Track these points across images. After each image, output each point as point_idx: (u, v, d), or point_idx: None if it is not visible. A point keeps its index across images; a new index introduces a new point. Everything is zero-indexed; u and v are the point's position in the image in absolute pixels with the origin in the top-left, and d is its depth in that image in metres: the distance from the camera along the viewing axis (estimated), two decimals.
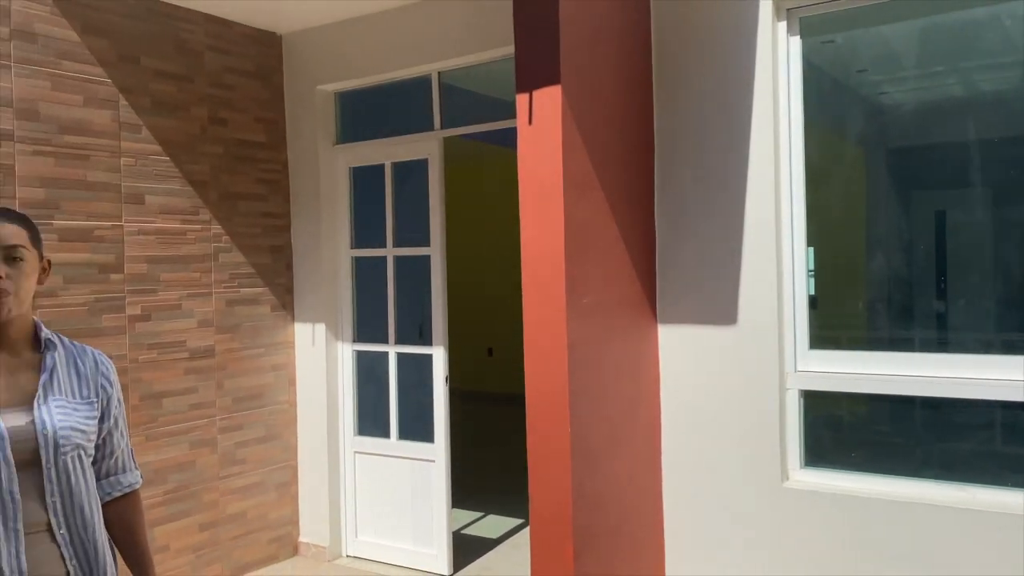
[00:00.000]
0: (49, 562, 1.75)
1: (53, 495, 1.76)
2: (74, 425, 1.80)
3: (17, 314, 1.77)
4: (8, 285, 1.73)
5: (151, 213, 4.10)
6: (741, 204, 3.43)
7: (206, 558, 4.33)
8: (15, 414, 1.74)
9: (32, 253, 1.79)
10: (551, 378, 3.03)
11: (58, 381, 1.83)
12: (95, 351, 1.95)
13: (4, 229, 1.75)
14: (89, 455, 1.87)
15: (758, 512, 3.41)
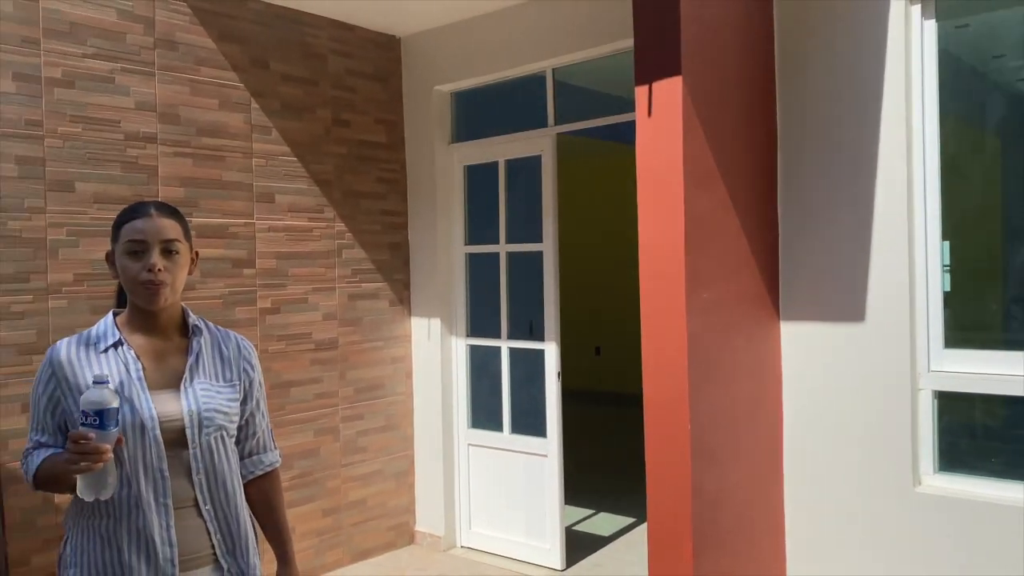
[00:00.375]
0: (196, 535, 1.87)
1: (199, 472, 1.87)
2: (217, 407, 1.91)
3: (171, 303, 1.89)
4: (165, 277, 1.84)
5: (280, 211, 4.30)
6: (870, 197, 3.30)
7: (329, 542, 4.50)
8: (164, 396, 1.86)
9: (185, 246, 1.91)
10: (670, 375, 3.00)
11: (203, 365, 1.94)
12: (238, 336, 2.06)
13: (161, 223, 1.87)
14: (231, 435, 1.97)
15: (887, 518, 3.27)
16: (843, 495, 3.38)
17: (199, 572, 1.87)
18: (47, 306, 3.42)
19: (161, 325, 1.91)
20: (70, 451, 1.63)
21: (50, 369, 1.83)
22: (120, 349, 1.86)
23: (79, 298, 3.51)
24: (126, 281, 1.85)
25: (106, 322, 1.90)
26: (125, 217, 1.87)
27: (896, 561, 3.26)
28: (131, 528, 1.80)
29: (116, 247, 1.87)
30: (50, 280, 3.43)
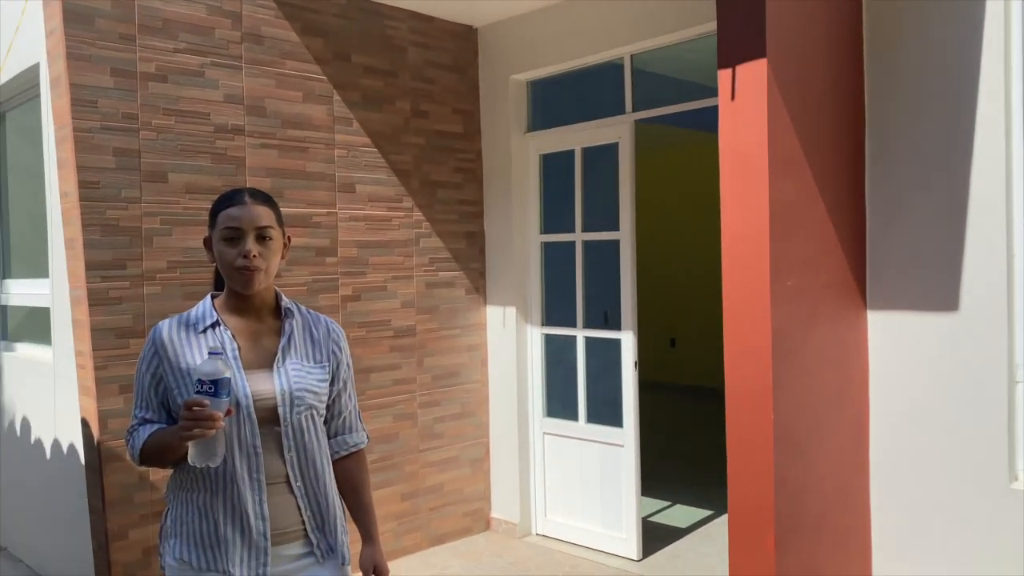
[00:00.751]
0: (287, 511, 1.92)
1: (290, 450, 1.93)
2: (308, 387, 1.96)
3: (265, 287, 1.95)
4: (260, 262, 1.90)
5: (361, 201, 4.38)
6: (965, 179, 3.16)
7: (407, 526, 4.59)
8: (258, 375, 1.92)
9: (278, 232, 1.96)
10: (754, 364, 2.95)
11: (295, 346, 1.99)
12: (328, 319, 2.11)
13: (256, 210, 1.92)
14: (321, 415, 2.02)
15: (980, 514, 3.15)
16: (933, 490, 3.27)
17: (290, 546, 1.92)
18: (142, 292, 3.57)
19: (255, 308, 1.97)
20: (184, 418, 1.71)
21: (153, 348, 1.92)
22: (217, 330, 1.93)
23: (172, 284, 3.66)
24: (223, 266, 1.92)
25: (204, 304, 1.98)
26: (222, 205, 1.94)
27: (989, 559, 3.13)
28: (226, 502, 1.86)
29: (213, 233, 1.94)
30: (145, 267, 3.58)
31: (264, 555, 1.88)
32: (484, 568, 4.39)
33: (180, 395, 1.87)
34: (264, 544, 1.88)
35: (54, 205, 3.86)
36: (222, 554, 1.86)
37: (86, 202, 3.40)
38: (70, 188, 3.44)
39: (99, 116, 3.46)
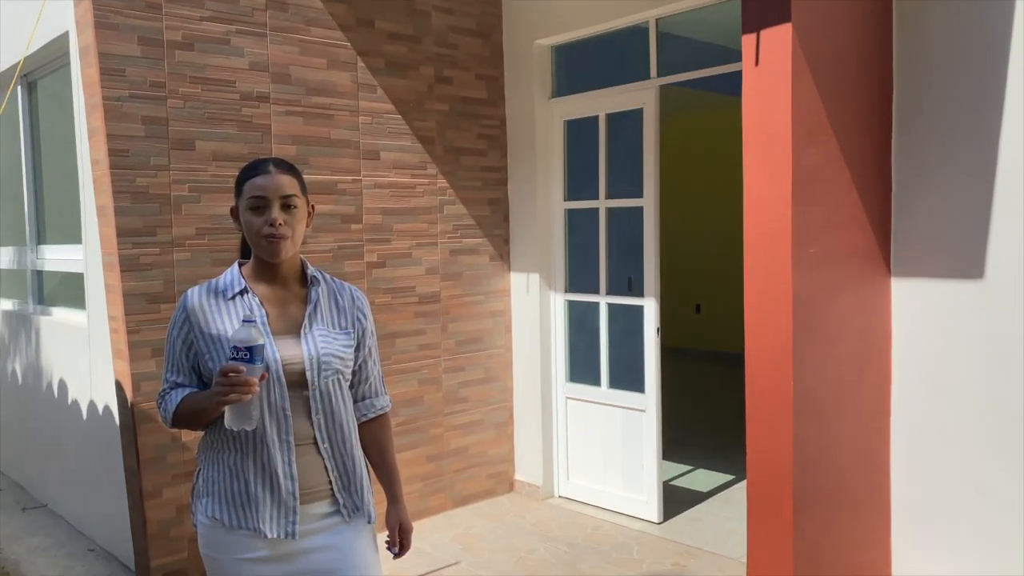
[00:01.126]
0: (315, 471, 1.99)
1: (318, 413, 1.98)
2: (334, 352, 2.01)
3: (291, 254, 2.00)
4: (286, 231, 1.94)
5: (385, 168, 4.41)
6: (994, 146, 3.11)
7: (432, 487, 4.68)
8: (286, 341, 1.97)
9: (302, 200, 2.00)
10: (774, 332, 2.96)
11: (321, 313, 2.04)
12: (352, 287, 2.16)
13: (281, 179, 1.95)
14: (347, 379, 2.07)
15: (1003, 482, 3.15)
16: (954, 457, 3.27)
17: (317, 505, 1.99)
18: (172, 258, 3.65)
19: (282, 275, 2.02)
20: (220, 383, 1.76)
21: (184, 314, 1.97)
22: (245, 297, 1.97)
23: (201, 251, 3.73)
24: (249, 235, 1.96)
25: (232, 272, 2.02)
26: (247, 174, 1.97)
27: (1011, 527, 3.14)
28: (257, 462, 1.93)
29: (239, 203, 1.98)
30: (174, 234, 3.65)
31: (293, 513, 1.94)
32: (507, 528, 4.48)
33: (211, 360, 1.93)
34: (293, 503, 1.94)
35: (86, 172, 3.93)
36: (253, 512, 1.93)
37: (116, 170, 3.47)
38: (100, 156, 3.51)
39: (127, 85, 3.51)
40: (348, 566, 2.01)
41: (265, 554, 1.94)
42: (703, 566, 3.94)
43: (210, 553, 1.98)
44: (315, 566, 1.98)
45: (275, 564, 1.95)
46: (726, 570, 3.89)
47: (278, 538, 1.93)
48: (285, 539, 1.94)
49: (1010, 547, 3.15)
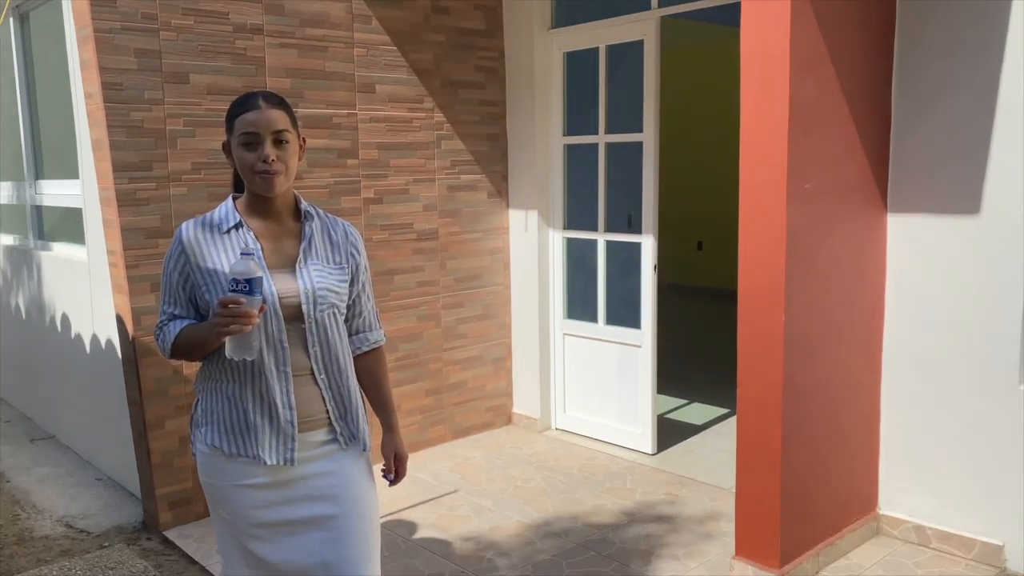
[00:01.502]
0: (312, 400, 2.03)
1: (314, 345, 2.02)
2: (329, 286, 2.04)
3: (285, 189, 2.00)
4: (279, 166, 1.94)
5: (381, 101, 4.37)
6: (995, 81, 3.08)
7: (432, 420, 4.77)
8: (282, 275, 1.99)
9: (293, 134, 1.99)
10: (767, 266, 2.97)
11: (315, 248, 2.06)
12: (344, 222, 2.17)
13: (271, 114, 1.94)
14: (342, 313, 2.10)
15: (989, 414, 3.21)
16: (943, 390, 3.32)
17: (314, 433, 2.04)
18: (169, 193, 3.65)
19: (276, 210, 2.03)
20: (220, 315, 1.80)
21: (180, 247, 1.99)
22: (240, 231, 1.99)
23: (198, 186, 3.72)
24: (243, 170, 1.96)
25: (226, 206, 2.03)
26: (237, 110, 1.96)
27: (999, 460, 3.21)
28: (255, 392, 1.97)
29: (231, 139, 1.97)
30: (170, 168, 3.64)
31: (291, 440, 1.99)
32: (505, 459, 4.58)
33: (208, 293, 1.95)
34: (291, 431, 1.99)
35: (80, 106, 3.91)
36: (252, 440, 1.98)
37: (110, 104, 3.44)
38: (94, 89, 3.48)
39: (119, 16, 3.45)
40: (345, 491, 2.06)
41: (264, 480, 2.00)
42: (694, 495, 4.04)
43: (210, 480, 2.04)
44: (313, 491, 2.03)
45: (274, 490, 2.01)
46: (717, 499, 3.99)
47: (277, 464, 1.99)
48: (284, 466, 1.99)
49: (996, 479, 3.22)
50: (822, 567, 3.25)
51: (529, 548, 3.51)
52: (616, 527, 3.70)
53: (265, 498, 2.01)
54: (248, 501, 2.01)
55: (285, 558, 2.04)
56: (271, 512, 2.02)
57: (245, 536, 2.04)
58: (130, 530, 3.80)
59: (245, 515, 2.02)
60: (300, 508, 2.03)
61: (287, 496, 2.02)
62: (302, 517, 2.03)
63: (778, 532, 3.04)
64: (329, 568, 2.03)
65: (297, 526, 2.03)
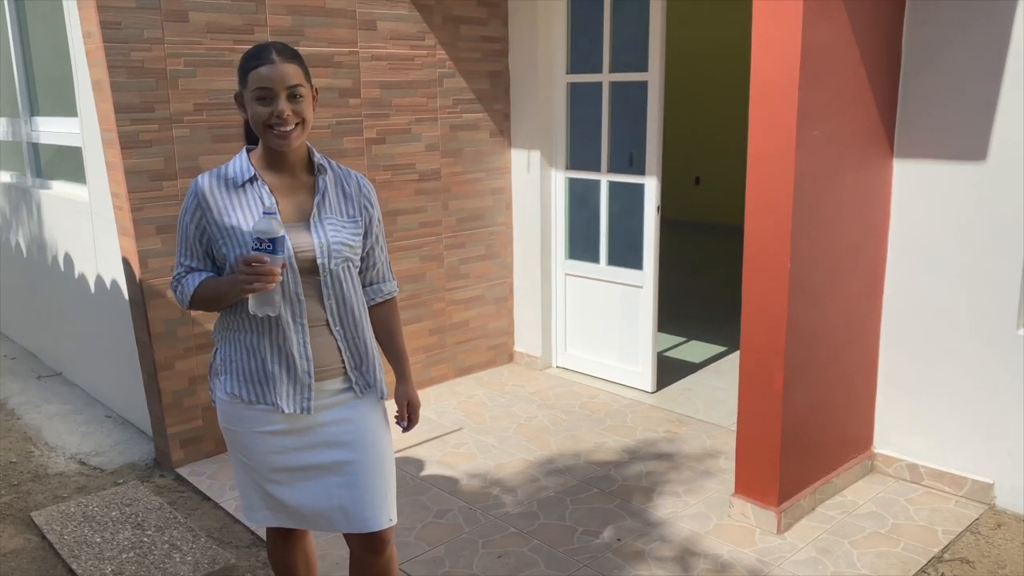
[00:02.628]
0: (328, 351, 2.08)
1: (329, 298, 2.05)
2: (343, 240, 2.06)
3: (300, 144, 2.01)
4: (294, 120, 1.94)
5: (382, 39, 4.29)
6: (1008, 24, 3.05)
7: (435, 358, 4.84)
8: (297, 229, 2.01)
9: (307, 88, 1.97)
10: (774, 213, 2.99)
11: (329, 202, 2.07)
12: (358, 175, 2.17)
13: (286, 69, 1.93)
14: (356, 266, 2.13)
15: (985, 358, 3.28)
16: (942, 334, 3.39)
17: (331, 382, 2.09)
18: (172, 135, 3.61)
19: (290, 163, 2.03)
20: (243, 272, 1.83)
21: (195, 200, 2.00)
22: (255, 184, 2.00)
23: (200, 127, 3.69)
24: (256, 125, 1.95)
25: (241, 159, 2.03)
26: (251, 64, 1.94)
27: (992, 402, 3.29)
28: (272, 342, 2.01)
29: (244, 92, 1.96)
30: (172, 110, 3.60)
31: (308, 390, 2.05)
32: (507, 397, 4.67)
33: (225, 247, 1.97)
34: (308, 380, 2.04)
35: (77, 44, 3.83)
36: (270, 388, 2.03)
37: (110, 43, 3.38)
38: (92, 28, 3.41)
39: None
40: (361, 437, 2.13)
41: (283, 427, 2.06)
42: (693, 433, 4.14)
43: (230, 427, 2.10)
44: (330, 437, 2.10)
45: (292, 436, 2.07)
46: (715, 437, 4.09)
47: (294, 412, 2.05)
48: (301, 414, 2.05)
49: (989, 420, 3.31)
50: (818, 504, 3.37)
51: (534, 485, 3.61)
52: (618, 464, 3.81)
53: (283, 444, 2.07)
54: (267, 447, 2.07)
55: (303, 501, 2.12)
56: (289, 457, 2.09)
57: (264, 480, 2.11)
58: (143, 467, 3.89)
59: (265, 460, 2.09)
60: (318, 454, 2.09)
61: (305, 443, 2.08)
62: (320, 462, 2.10)
63: (777, 471, 3.14)
64: (347, 511, 2.11)
65: (315, 470, 2.10)
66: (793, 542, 3.11)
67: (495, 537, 3.19)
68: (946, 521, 3.24)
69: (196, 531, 3.23)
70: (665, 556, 3.04)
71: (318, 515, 2.13)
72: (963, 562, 2.96)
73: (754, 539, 3.14)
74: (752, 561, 2.99)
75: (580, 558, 3.04)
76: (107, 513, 3.39)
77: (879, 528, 3.20)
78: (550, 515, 3.35)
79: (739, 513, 3.27)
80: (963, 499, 3.39)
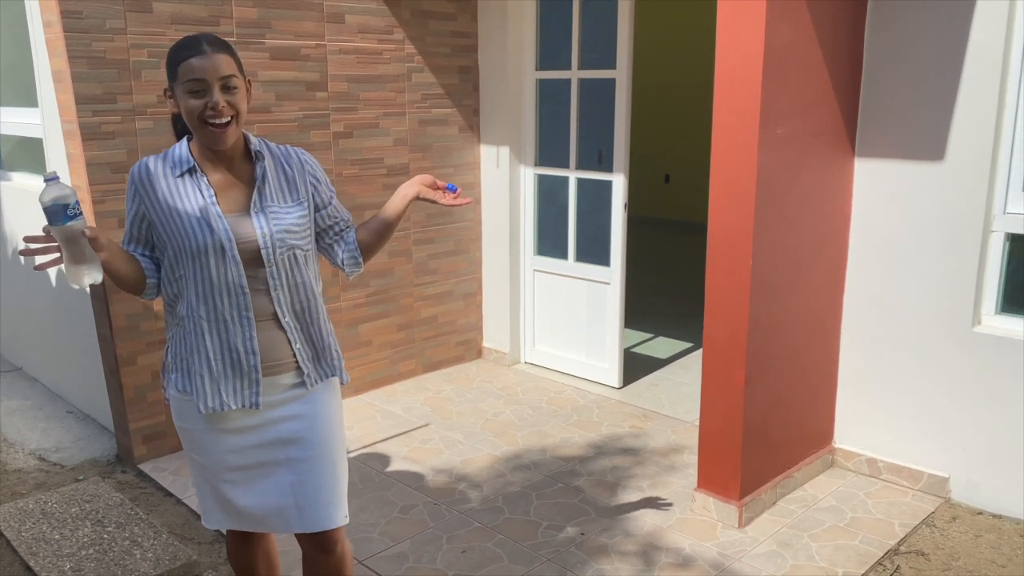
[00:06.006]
0: (277, 345, 2.03)
1: (276, 289, 2.00)
2: (287, 227, 2.00)
3: (236, 136, 1.96)
4: (229, 112, 1.89)
5: (350, 32, 4.27)
6: (966, 27, 3.11)
7: (403, 354, 4.83)
8: (238, 219, 1.96)
9: (240, 79, 1.93)
10: (737, 210, 3.02)
11: (270, 187, 2.01)
12: (297, 150, 2.11)
13: (219, 59, 1.87)
14: (304, 251, 2.06)
15: (942, 354, 3.35)
16: (901, 330, 3.45)
17: (282, 376, 2.05)
18: (135, 127, 3.57)
19: (227, 154, 1.99)
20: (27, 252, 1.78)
21: (133, 186, 1.97)
22: (195, 175, 1.96)
23: (163, 119, 3.64)
24: (190, 119, 1.90)
25: (181, 147, 1.99)
26: (180, 55, 1.88)
27: (949, 398, 3.36)
28: (215, 339, 1.98)
29: (175, 86, 1.90)
30: (135, 101, 3.55)
31: (256, 385, 2.00)
32: (475, 392, 4.67)
33: (164, 232, 1.94)
34: (255, 376, 2.00)
35: (38, 34, 3.76)
36: (216, 388, 1.99)
37: (71, 33, 3.32)
38: (53, 18, 3.35)
39: None
40: (313, 434, 2.09)
41: (234, 424, 2.03)
42: (658, 428, 4.18)
43: (184, 424, 2.08)
44: (283, 435, 2.07)
45: (244, 434, 2.05)
46: (679, 432, 4.13)
47: (243, 408, 2.01)
48: (249, 409, 2.02)
49: (945, 415, 3.38)
50: (779, 498, 3.42)
51: (500, 480, 3.62)
52: (583, 459, 3.83)
53: (236, 443, 2.05)
54: (221, 445, 2.05)
55: (257, 501, 2.10)
56: (243, 456, 2.06)
57: (218, 480, 2.09)
58: (104, 463, 3.85)
59: (219, 459, 2.07)
60: (271, 452, 2.07)
61: (257, 440, 2.06)
62: (273, 459, 2.08)
63: (739, 466, 3.18)
64: (301, 509, 2.09)
65: (268, 467, 2.08)
66: (754, 536, 3.16)
67: (460, 532, 3.20)
68: (903, 514, 3.30)
69: (158, 527, 3.20)
70: (628, 550, 3.07)
71: (272, 515, 2.11)
72: (919, 554, 3.02)
73: (716, 533, 3.18)
74: (714, 555, 3.03)
75: (544, 552, 3.06)
76: (66, 510, 3.34)
77: (838, 522, 3.25)
78: (515, 510, 3.37)
79: (701, 507, 3.30)
80: (920, 493, 3.46)
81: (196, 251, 1.93)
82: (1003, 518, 3.25)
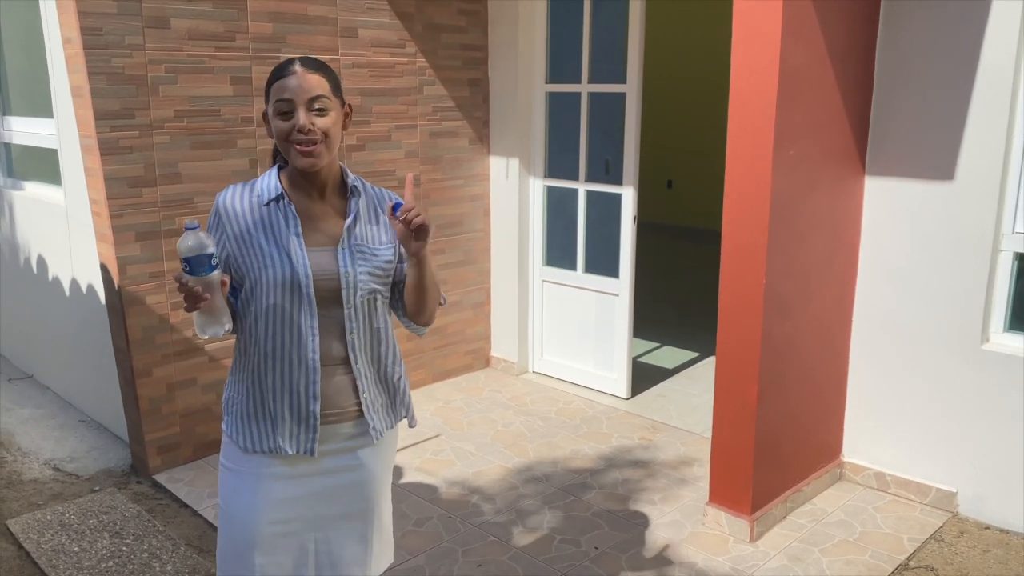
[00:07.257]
0: (342, 391, 1.90)
1: (352, 332, 1.88)
2: (372, 271, 1.89)
3: (327, 161, 1.84)
4: (315, 135, 1.78)
5: (363, 46, 4.30)
6: (976, 47, 3.15)
7: (413, 364, 4.87)
8: (321, 254, 1.85)
9: (334, 101, 1.83)
10: (751, 230, 3.06)
11: (360, 227, 1.90)
12: (391, 194, 1.99)
13: (308, 79, 1.79)
14: (386, 298, 1.96)
15: (951, 372, 3.39)
16: (909, 348, 3.49)
17: (342, 425, 1.92)
18: (152, 141, 3.60)
19: (319, 184, 1.88)
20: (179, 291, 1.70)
21: (216, 216, 1.88)
22: (281, 203, 1.86)
23: (180, 134, 3.68)
24: (279, 141, 1.83)
25: (270, 175, 1.90)
26: (273, 76, 1.83)
27: (956, 413, 3.41)
28: (276, 379, 1.87)
29: (268, 108, 1.84)
30: (153, 116, 3.59)
31: (313, 431, 1.88)
32: (484, 402, 4.71)
33: (243, 265, 1.86)
34: (313, 422, 1.88)
35: (55, 46, 3.79)
36: (270, 429, 1.88)
37: (90, 49, 3.35)
38: (72, 34, 3.38)
39: None
40: (362, 491, 1.99)
41: (281, 471, 1.91)
42: (668, 440, 4.22)
43: (227, 463, 1.96)
44: (330, 489, 1.95)
45: (290, 482, 1.91)
46: (689, 444, 4.17)
47: (297, 454, 1.90)
48: (303, 455, 1.90)
49: (953, 431, 3.43)
50: (789, 512, 3.46)
51: (512, 493, 3.66)
52: (594, 472, 3.87)
53: (280, 491, 1.91)
54: (264, 494, 1.91)
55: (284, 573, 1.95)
56: (286, 509, 1.93)
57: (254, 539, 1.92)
58: (119, 473, 3.88)
59: (262, 510, 1.91)
60: (317, 505, 1.95)
61: (302, 492, 1.93)
62: (319, 514, 1.96)
63: (750, 480, 3.22)
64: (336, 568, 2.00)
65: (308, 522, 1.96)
66: (765, 550, 3.20)
67: (475, 545, 3.24)
68: (911, 529, 3.34)
69: (175, 540, 3.24)
70: (642, 565, 3.11)
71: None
72: (928, 569, 3.06)
73: (728, 547, 3.22)
74: (726, 569, 3.07)
75: (559, 567, 3.09)
76: (84, 521, 3.38)
77: (848, 536, 3.29)
78: (529, 523, 3.41)
79: (713, 521, 3.35)
80: (928, 507, 3.50)
81: (270, 283, 1.83)
82: (1010, 533, 3.30)
